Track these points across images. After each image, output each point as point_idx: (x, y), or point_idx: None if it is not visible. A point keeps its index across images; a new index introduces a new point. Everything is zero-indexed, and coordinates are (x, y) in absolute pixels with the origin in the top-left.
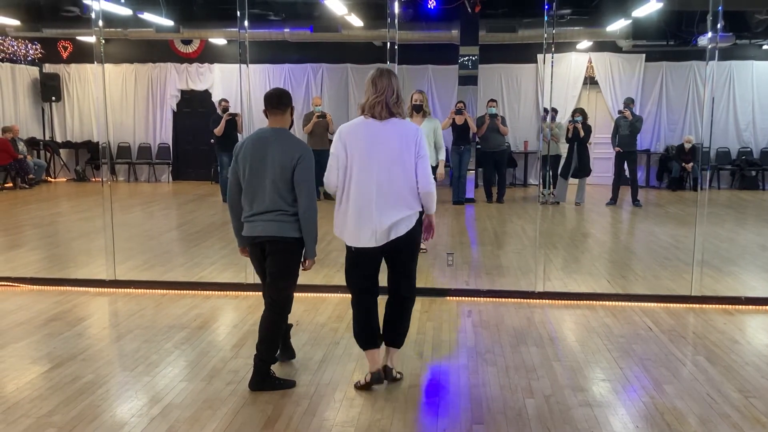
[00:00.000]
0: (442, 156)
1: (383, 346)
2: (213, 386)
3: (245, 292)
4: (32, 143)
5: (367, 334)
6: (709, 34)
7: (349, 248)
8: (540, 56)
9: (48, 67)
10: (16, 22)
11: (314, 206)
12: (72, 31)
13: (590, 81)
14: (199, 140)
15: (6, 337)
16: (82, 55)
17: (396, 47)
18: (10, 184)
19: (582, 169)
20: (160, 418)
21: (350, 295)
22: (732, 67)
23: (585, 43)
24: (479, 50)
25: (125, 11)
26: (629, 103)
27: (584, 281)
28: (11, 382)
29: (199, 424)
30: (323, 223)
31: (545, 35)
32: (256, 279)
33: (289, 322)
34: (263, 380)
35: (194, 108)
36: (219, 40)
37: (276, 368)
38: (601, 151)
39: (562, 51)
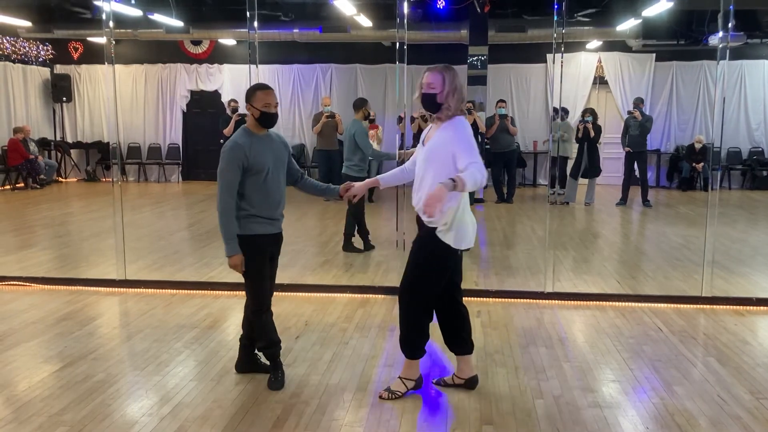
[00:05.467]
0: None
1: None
2: (223, 385)
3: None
4: (43, 143)
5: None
6: (720, 34)
7: (454, 252)
8: (549, 56)
9: (59, 68)
10: (27, 24)
11: (219, 204)
12: (83, 32)
13: (600, 81)
14: (208, 140)
15: (17, 336)
16: (93, 55)
17: (405, 47)
18: (22, 184)
19: (592, 169)
20: (170, 417)
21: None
22: (743, 67)
23: (595, 43)
24: (488, 50)
25: (135, 12)
26: (639, 103)
27: (594, 282)
28: (23, 381)
29: (208, 424)
30: (330, 223)
31: (555, 35)
32: None
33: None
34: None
35: (204, 108)
36: (228, 41)
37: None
38: (611, 151)
39: (571, 51)
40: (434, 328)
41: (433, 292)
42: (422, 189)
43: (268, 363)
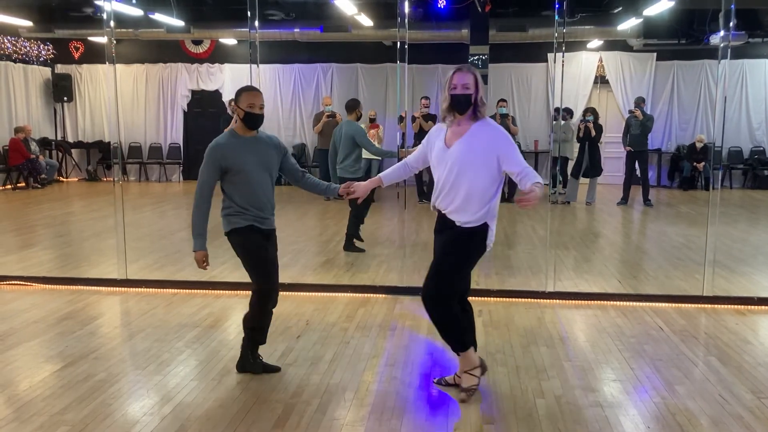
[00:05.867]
0: None
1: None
2: (224, 385)
3: (246, 291)
4: (44, 143)
5: None
6: (722, 33)
7: (486, 247)
8: (550, 55)
9: (60, 68)
10: (28, 23)
11: (194, 200)
12: (84, 32)
13: (601, 80)
14: (209, 140)
15: (19, 335)
16: (94, 55)
17: (406, 47)
18: (23, 184)
19: (593, 169)
20: (172, 417)
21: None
22: (744, 66)
23: (596, 42)
24: (489, 49)
25: (136, 12)
26: (640, 102)
27: (595, 281)
28: (24, 381)
29: (210, 423)
30: (331, 223)
31: (555, 34)
32: None
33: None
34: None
35: (205, 108)
36: (229, 41)
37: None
38: (612, 151)
39: (572, 50)
40: (433, 328)
41: (460, 288)
42: (455, 192)
43: (272, 364)
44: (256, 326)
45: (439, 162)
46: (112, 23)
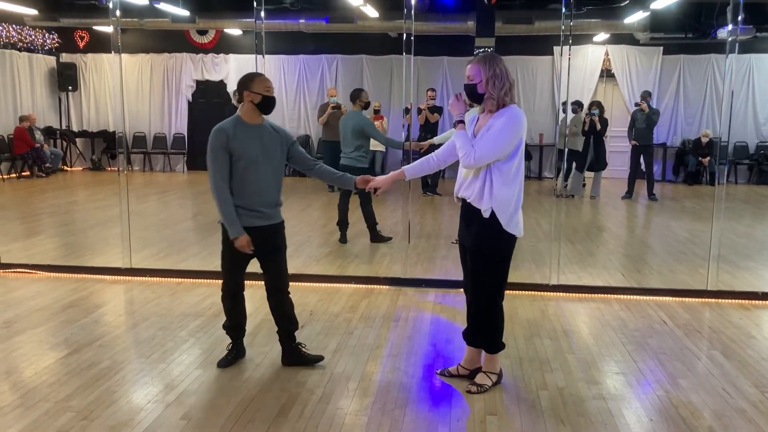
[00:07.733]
0: None
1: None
2: (227, 374)
3: (260, 282)
4: (49, 132)
5: None
6: (729, 27)
7: (512, 241)
8: (557, 48)
9: (65, 57)
10: (33, 12)
11: (213, 189)
12: (89, 21)
13: (607, 74)
14: None
15: (24, 323)
16: (99, 44)
17: (412, 38)
18: (27, 173)
19: (598, 163)
20: (176, 405)
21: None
22: (752, 61)
23: (602, 36)
24: (495, 42)
25: (142, 1)
26: (646, 96)
27: (599, 274)
28: (29, 367)
29: (213, 412)
30: (335, 214)
31: (562, 27)
32: None
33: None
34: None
35: (209, 98)
36: (234, 31)
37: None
38: (617, 145)
39: (578, 43)
40: (436, 320)
41: (504, 284)
42: (476, 181)
43: (313, 354)
44: (229, 324)
45: None
46: (117, 12)
